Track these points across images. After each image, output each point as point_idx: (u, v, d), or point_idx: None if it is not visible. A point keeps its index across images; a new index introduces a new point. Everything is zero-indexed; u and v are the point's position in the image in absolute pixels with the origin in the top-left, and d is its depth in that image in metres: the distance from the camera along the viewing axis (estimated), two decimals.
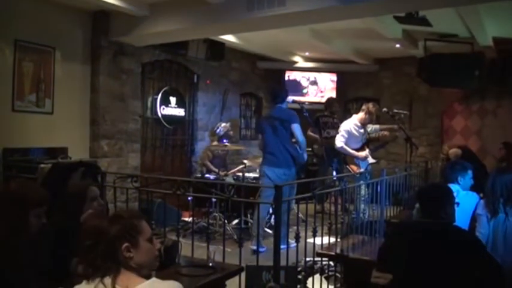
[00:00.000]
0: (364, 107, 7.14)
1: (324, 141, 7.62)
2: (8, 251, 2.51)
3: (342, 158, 7.16)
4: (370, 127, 7.29)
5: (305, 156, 6.52)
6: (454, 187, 4.12)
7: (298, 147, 6.41)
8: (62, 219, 2.97)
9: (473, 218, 4.11)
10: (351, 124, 7.07)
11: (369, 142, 7.25)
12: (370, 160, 7.11)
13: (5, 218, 2.62)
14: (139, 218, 2.06)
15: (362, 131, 7.09)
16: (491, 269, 2.93)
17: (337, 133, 7.16)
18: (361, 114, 7.09)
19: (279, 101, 6.55)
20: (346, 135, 6.97)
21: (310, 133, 7.93)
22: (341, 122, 7.43)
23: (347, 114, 11.06)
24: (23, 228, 2.65)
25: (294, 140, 6.41)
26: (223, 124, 8.32)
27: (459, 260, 2.86)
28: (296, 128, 6.34)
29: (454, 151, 7.33)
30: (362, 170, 6.83)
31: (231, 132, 8.37)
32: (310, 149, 9.82)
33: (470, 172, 4.61)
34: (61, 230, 2.83)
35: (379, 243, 3.51)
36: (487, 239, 3.73)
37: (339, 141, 6.98)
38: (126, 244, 1.95)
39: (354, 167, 6.96)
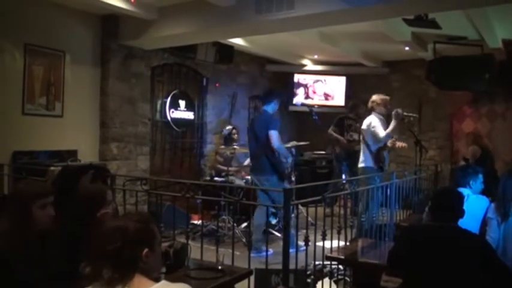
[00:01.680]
0: (373, 104, 6.91)
1: (347, 144, 7.55)
2: (16, 248, 2.53)
3: (374, 155, 6.69)
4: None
5: (289, 160, 6.39)
6: (464, 191, 4.10)
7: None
8: (74, 221, 2.97)
9: (484, 222, 4.09)
10: (375, 117, 6.74)
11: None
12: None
13: (10, 215, 2.65)
14: (153, 223, 2.07)
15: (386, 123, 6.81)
16: (501, 273, 2.91)
17: (359, 137, 7.02)
18: (380, 110, 6.78)
19: (265, 103, 6.45)
20: (379, 124, 6.63)
21: (330, 131, 7.87)
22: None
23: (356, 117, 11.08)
24: (28, 223, 2.68)
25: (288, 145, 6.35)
26: (227, 127, 8.36)
27: (469, 264, 2.85)
28: (272, 134, 6.13)
29: (473, 149, 7.18)
30: (386, 164, 6.74)
31: (236, 136, 8.36)
32: (324, 152, 9.84)
33: (481, 176, 4.59)
34: (73, 232, 2.83)
35: (388, 247, 3.50)
36: (497, 243, 3.72)
37: (381, 131, 6.52)
38: (146, 250, 1.94)
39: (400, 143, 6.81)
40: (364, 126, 6.75)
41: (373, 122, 6.64)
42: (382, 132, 6.53)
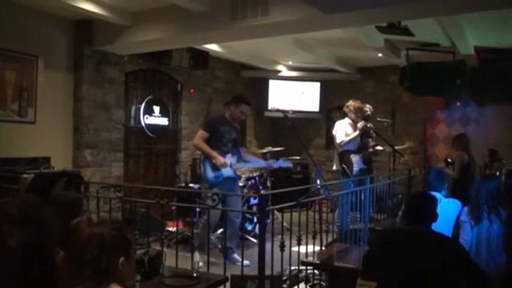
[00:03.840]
0: (345, 109, 7.13)
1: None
2: None
3: (339, 158, 6.96)
4: None
5: (227, 169, 6.15)
6: (437, 195, 4.16)
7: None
8: None
9: (457, 225, 4.15)
10: (345, 123, 7.03)
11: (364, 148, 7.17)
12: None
13: None
14: (128, 230, 2.05)
15: (355, 130, 6.97)
16: (475, 275, 2.95)
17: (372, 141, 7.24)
18: (350, 116, 7.05)
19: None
20: (341, 130, 6.92)
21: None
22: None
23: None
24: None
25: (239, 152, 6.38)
26: None
27: (443, 266, 2.88)
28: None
29: (462, 155, 7.23)
30: (355, 169, 6.81)
31: None
32: (299, 158, 9.83)
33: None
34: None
35: (363, 251, 3.52)
36: (470, 245, 3.77)
37: (340, 137, 6.85)
38: (123, 259, 1.92)
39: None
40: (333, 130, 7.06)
41: (336, 126, 7.04)
42: (339, 139, 6.87)
